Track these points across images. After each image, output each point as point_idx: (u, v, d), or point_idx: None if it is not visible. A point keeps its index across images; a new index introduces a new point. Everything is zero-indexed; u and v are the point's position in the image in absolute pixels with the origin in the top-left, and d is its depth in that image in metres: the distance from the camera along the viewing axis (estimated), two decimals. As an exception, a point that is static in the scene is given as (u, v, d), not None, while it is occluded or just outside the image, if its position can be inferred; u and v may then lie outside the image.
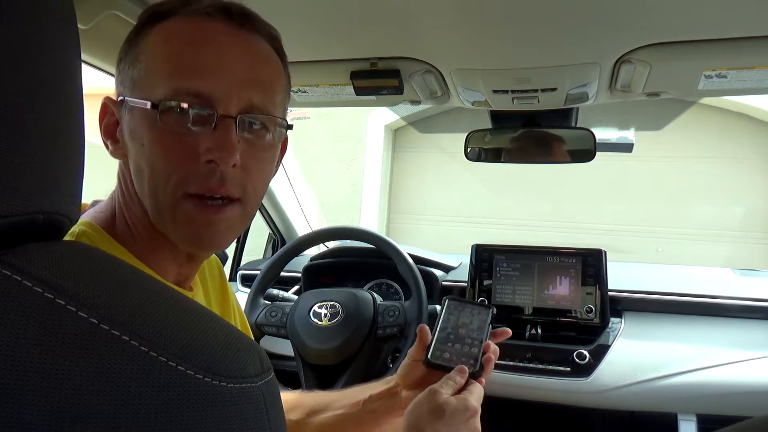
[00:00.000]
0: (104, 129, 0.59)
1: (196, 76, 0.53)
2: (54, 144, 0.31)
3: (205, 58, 0.54)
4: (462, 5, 0.79)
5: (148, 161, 0.54)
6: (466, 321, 0.84)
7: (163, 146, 0.54)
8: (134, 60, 0.56)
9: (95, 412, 0.26)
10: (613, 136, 4.36)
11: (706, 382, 1.24)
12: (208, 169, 0.54)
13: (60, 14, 0.32)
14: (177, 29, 0.55)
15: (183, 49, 0.54)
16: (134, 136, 0.56)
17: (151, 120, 0.53)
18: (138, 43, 0.57)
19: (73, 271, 0.30)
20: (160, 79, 0.54)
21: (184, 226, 0.56)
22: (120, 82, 0.59)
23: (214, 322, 0.34)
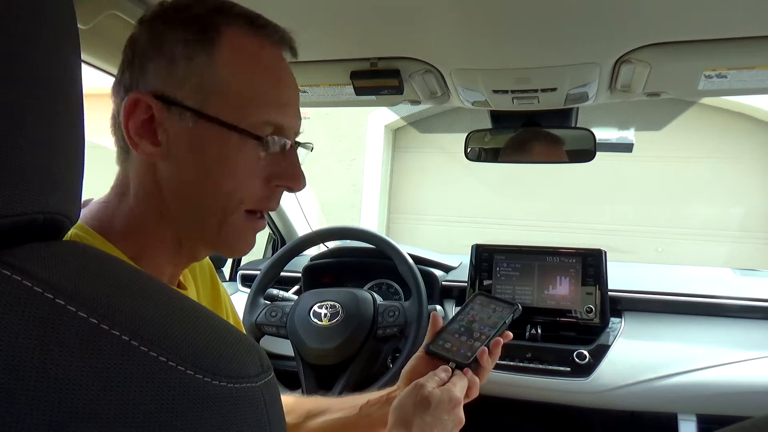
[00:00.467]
0: (135, 127, 0.55)
1: (280, 111, 0.59)
2: (54, 144, 0.31)
3: (284, 92, 0.60)
4: (462, 5, 0.79)
5: (220, 178, 0.56)
6: (484, 316, 0.84)
7: (243, 169, 0.57)
8: (207, 69, 0.55)
9: (95, 412, 0.26)
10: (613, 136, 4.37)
11: (706, 382, 1.24)
12: (275, 192, 0.60)
13: (60, 14, 0.32)
14: (257, 56, 0.58)
15: (271, 84, 0.58)
16: (203, 150, 0.56)
17: (235, 143, 0.56)
18: (209, 50, 0.55)
19: (73, 271, 0.30)
20: (249, 107, 0.56)
21: (234, 236, 0.60)
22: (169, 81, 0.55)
23: (214, 322, 0.34)
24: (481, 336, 0.81)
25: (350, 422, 0.83)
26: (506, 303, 0.86)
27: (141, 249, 0.58)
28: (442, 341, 0.81)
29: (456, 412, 0.71)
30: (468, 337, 0.81)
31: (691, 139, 4.81)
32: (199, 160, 0.56)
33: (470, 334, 0.81)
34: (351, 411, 0.83)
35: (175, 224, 0.59)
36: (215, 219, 0.58)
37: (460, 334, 0.82)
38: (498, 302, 0.87)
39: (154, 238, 0.59)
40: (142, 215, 0.58)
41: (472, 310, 0.86)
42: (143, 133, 0.55)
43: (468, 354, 0.78)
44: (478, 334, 0.81)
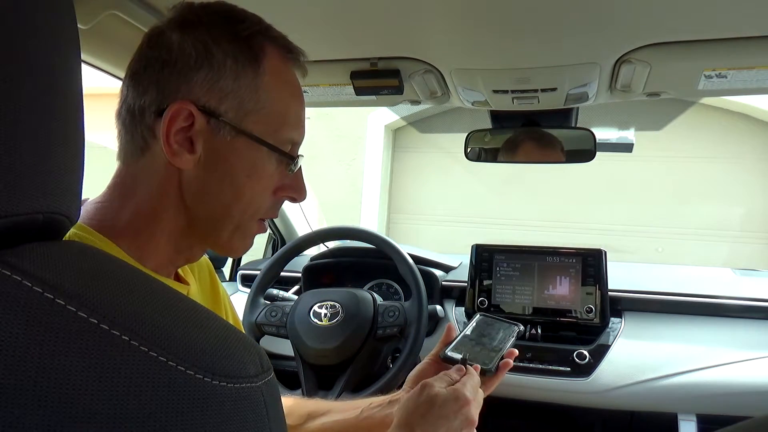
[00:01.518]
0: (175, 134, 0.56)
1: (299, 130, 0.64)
2: (54, 144, 0.31)
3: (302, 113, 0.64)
4: (462, 5, 0.79)
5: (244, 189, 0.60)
6: (492, 332, 0.88)
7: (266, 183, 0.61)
8: (251, 88, 0.58)
9: (95, 412, 0.26)
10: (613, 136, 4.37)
11: (706, 382, 1.24)
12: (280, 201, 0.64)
13: (60, 14, 0.32)
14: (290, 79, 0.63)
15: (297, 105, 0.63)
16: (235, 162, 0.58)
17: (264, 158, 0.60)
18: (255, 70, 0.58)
19: (72, 271, 0.30)
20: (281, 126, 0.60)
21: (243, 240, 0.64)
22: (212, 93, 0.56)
23: (214, 322, 0.34)
24: (495, 347, 0.83)
25: (351, 424, 0.82)
26: (508, 322, 0.90)
27: (143, 249, 0.58)
28: (458, 349, 0.81)
29: (464, 411, 0.70)
30: (482, 347, 0.83)
31: (691, 139, 4.81)
32: (229, 171, 0.59)
33: (483, 344, 0.84)
34: (352, 413, 0.83)
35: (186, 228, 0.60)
36: (231, 225, 0.61)
37: (474, 345, 0.83)
38: (500, 322, 0.91)
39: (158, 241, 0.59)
40: (151, 216, 0.58)
41: (479, 327, 0.89)
42: (182, 141, 0.56)
43: (486, 361, 0.79)
44: (491, 346, 0.84)
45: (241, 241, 0.63)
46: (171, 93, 0.56)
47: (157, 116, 0.56)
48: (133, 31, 0.86)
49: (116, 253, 0.56)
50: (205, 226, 0.61)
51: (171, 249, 0.61)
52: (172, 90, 0.56)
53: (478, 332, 0.87)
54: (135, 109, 0.57)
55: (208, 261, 0.80)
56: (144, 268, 0.57)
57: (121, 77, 0.99)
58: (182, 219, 0.60)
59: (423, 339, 1.30)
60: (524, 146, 1.33)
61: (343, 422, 0.83)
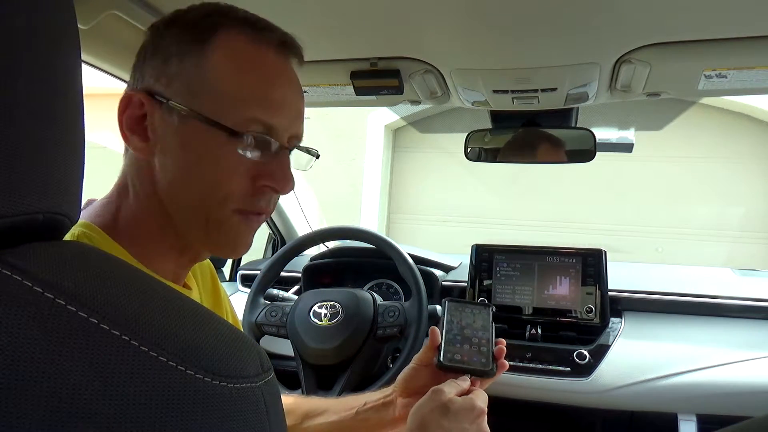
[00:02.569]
0: (127, 123, 0.57)
1: (268, 110, 0.58)
2: (54, 144, 0.31)
3: (276, 92, 0.59)
4: (462, 5, 0.79)
5: (204, 175, 0.57)
6: (469, 321, 0.85)
7: (226, 166, 0.57)
8: (197, 67, 0.56)
9: (95, 412, 0.26)
10: (613, 136, 4.37)
11: (706, 382, 1.24)
12: (262, 192, 0.59)
13: (60, 14, 0.32)
14: (250, 56, 0.58)
15: (260, 82, 0.58)
16: (189, 147, 0.56)
17: (219, 140, 0.56)
18: (201, 49, 0.56)
19: (73, 271, 0.30)
20: (232, 104, 0.56)
21: (229, 237, 0.60)
22: (161, 79, 0.57)
23: (214, 322, 0.34)
24: (482, 341, 0.81)
25: (346, 426, 0.82)
26: (477, 304, 0.88)
27: (145, 248, 0.59)
28: (450, 354, 0.79)
29: (479, 422, 0.69)
30: (470, 344, 0.81)
31: (691, 139, 4.81)
32: (185, 156, 0.57)
33: (469, 341, 0.81)
34: (347, 414, 0.83)
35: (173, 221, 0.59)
36: (202, 216, 0.58)
37: (461, 343, 0.81)
38: (470, 305, 0.88)
39: (157, 237, 0.59)
40: (143, 213, 0.59)
41: (454, 317, 0.85)
42: (134, 128, 0.57)
43: (483, 360, 0.78)
44: (477, 340, 0.81)
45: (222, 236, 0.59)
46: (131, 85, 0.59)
47: None
48: (133, 31, 0.86)
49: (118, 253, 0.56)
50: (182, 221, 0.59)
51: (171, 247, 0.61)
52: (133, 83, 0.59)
53: (457, 324, 0.84)
54: None
55: (209, 261, 0.80)
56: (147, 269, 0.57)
57: (121, 77, 0.99)
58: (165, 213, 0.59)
59: (423, 339, 1.30)
60: (524, 146, 1.33)
61: (339, 423, 0.83)
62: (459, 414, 0.69)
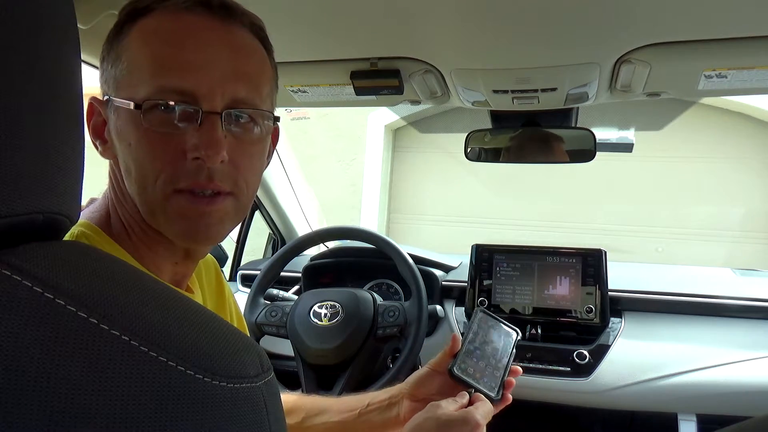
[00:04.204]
0: (92, 129, 0.59)
1: (179, 74, 0.53)
2: (54, 144, 0.31)
3: (187, 54, 0.53)
4: (462, 5, 0.79)
5: (136, 160, 0.54)
6: (493, 339, 0.86)
7: (149, 145, 0.53)
8: (116, 59, 0.56)
9: (95, 412, 0.26)
10: (613, 136, 4.37)
11: (706, 382, 1.24)
12: (196, 165, 0.54)
13: (60, 14, 0.32)
14: (157, 26, 0.54)
15: (164, 47, 0.53)
16: (121, 136, 0.55)
17: (136, 120, 0.53)
18: (119, 41, 0.56)
19: (72, 271, 0.30)
20: (142, 78, 0.53)
21: (178, 221, 0.55)
22: (104, 81, 0.58)
23: (214, 322, 0.34)
24: (498, 364, 0.82)
25: (349, 426, 0.82)
26: (508, 326, 0.89)
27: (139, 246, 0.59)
28: (465, 365, 0.79)
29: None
30: (486, 362, 0.81)
31: (691, 139, 4.81)
32: (120, 147, 0.56)
33: (487, 359, 0.82)
34: (350, 415, 0.82)
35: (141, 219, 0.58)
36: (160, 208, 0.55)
37: (478, 359, 0.81)
38: (499, 323, 0.89)
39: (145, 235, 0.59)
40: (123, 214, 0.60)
41: (481, 330, 0.86)
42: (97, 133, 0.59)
43: (492, 385, 0.79)
44: (494, 361, 0.82)
45: (175, 223, 0.55)
46: None
47: None
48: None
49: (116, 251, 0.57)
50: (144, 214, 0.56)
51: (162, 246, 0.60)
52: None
53: (482, 339, 0.84)
54: None
55: (215, 262, 0.80)
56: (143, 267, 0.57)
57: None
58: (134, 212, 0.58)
59: (423, 339, 1.30)
60: (524, 146, 1.33)
61: (341, 423, 0.82)
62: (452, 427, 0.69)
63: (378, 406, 0.82)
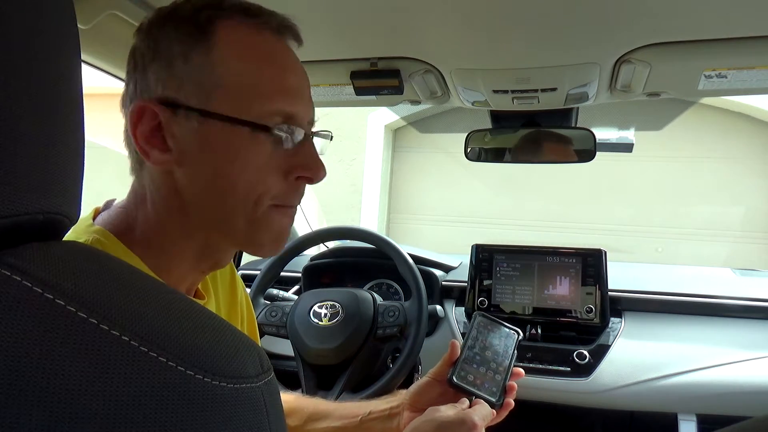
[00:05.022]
0: (143, 135, 0.54)
1: (286, 98, 0.56)
2: (54, 144, 0.31)
3: (292, 80, 0.57)
4: (462, 5, 0.79)
5: (235, 177, 0.55)
6: (493, 343, 0.84)
7: (256, 164, 0.55)
8: (205, 65, 0.53)
9: (95, 413, 0.26)
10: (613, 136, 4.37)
11: (706, 382, 1.24)
12: (299, 184, 0.59)
13: (60, 14, 0.32)
14: (255, 46, 0.56)
15: (270, 69, 0.56)
16: (213, 149, 0.54)
17: (243, 138, 0.54)
18: (204, 45, 0.54)
19: (72, 271, 0.30)
20: (253, 98, 0.54)
21: (271, 233, 0.59)
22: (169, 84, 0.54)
23: (215, 322, 0.34)
24: (499, 368, 0.81)
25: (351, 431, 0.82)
26: (507, 327, 0.87)
27: (162, 258, 0.57)
28: (464, 372, 0.79)
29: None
30: (486, 368, 0.81)
31: (691, 139, 4.81)
32: (212, 160, 0.54)
33: (487, 364, 0.81)
34: (351, 421, 0.82)
35: (200, 230, 0.58)
36: (242, 219, 0.56)
37: (478, 365, 0.81)
38: (499, 326, 0.87)
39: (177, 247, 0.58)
40: (162, 224, 0.57)
41: (480, 335, 0.85)
42: (153, 141, 0.54)
43: (494, 389, 0.78)
44: (495, 365, 0.81)
45: (266, 235, 0.58)
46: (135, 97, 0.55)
47: None
48: (133, 31, 0.86)
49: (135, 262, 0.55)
50: (216, 226, 0.57)
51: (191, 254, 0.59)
52: (136, 94, 0.55)
53: (481, 344, 0.83)
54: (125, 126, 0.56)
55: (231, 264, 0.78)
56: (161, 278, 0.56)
57: (120, 77, 0.99)
58: (190, 222, 0.57)
59: (423, 339, 1.30)
60: (524, 146, 1.33)
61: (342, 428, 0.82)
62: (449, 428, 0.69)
63: (379, 415, 0.82)
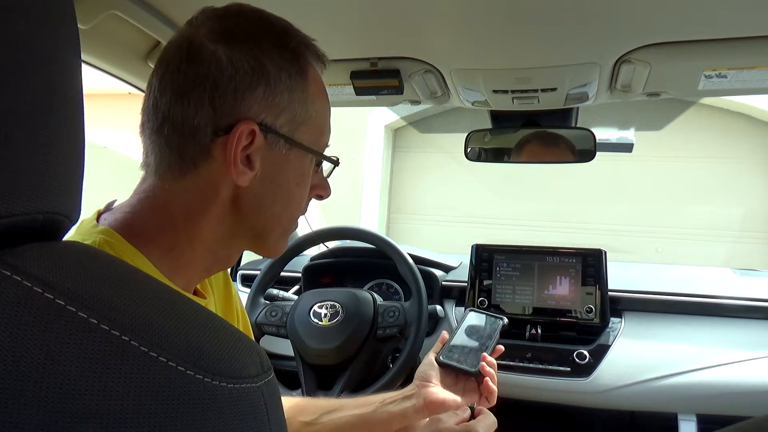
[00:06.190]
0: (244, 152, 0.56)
1: (329, 134, 0.66)
2: (54, 144, 0.31)
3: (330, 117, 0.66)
4: (462, 5, 0.79)
5: (296, 196, 0.63)
6: (479, 328, 0.98)
7: (306, 187, 0.64)
8: (303, 102, 0.59)
9: (95, 413, 0.26)
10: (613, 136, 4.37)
11: (706, 382, 1.24)
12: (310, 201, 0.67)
13: (60, 14, 0.32)
14: (323, 85, 0.64)
15: (328, 111, 0.65)
16: (289, 173, 0.60)
17: (308, 165, 0.62)
18: (304, 84, 0.59)
19: (72, 271, 0.30)
20: (320, 132, 0.63)
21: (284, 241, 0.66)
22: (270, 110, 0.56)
23: (215, 322, 0.34)
24: (481, 347, 0.92)
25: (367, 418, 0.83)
26: (494, 316, 1.00)
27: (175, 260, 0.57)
28: (450, 352, 0.91)
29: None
30: (470, 349, 0.92)
31: (691, 139, 4.81)
32: (284, 182, 0.61)
33: (472, 345, 0.93)
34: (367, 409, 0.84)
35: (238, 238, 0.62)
36: (280, 230, 0.64)
37: (464, 346, 0.93)
38: (488, 316, 1.01)
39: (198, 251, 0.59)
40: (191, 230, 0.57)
41: (469, 323, 0.99)
42: (245, 158, 0.56)
43: (473, 362, 0.88)
44: (478, 345, 0.93)
45: (284, 242, 0.66)
46: (229, 112, 0.55)
47: (215, 136, 0.55)
48: (133, 31, 0.86)
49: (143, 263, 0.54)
50: (253, 235, 0.62)
51: (210, 258, 0.61)
52: (230, 109, 0.55)
53: (469, 330, 0.97)
54: (184, 127, 0.55)
55: None
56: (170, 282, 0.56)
57: (120, 77, 0.99)
58: (226, 230, 0.60)
59: (423, 339, 1.30)
60: (524, 146, 1.33)
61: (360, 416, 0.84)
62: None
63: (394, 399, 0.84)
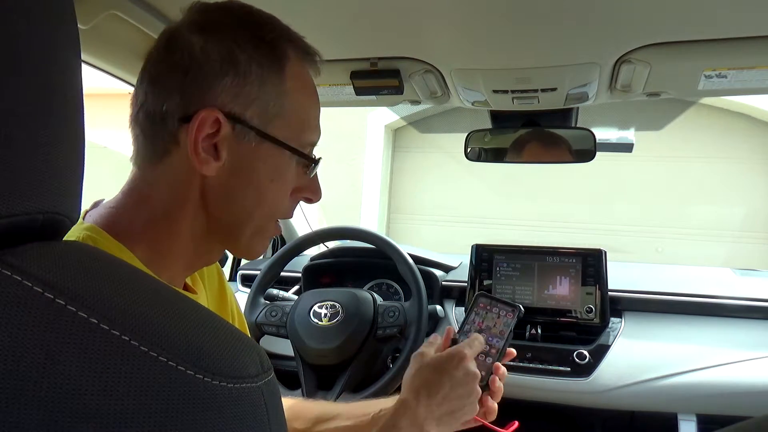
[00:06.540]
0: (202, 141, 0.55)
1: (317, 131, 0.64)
2: (54, 144, 0.31)
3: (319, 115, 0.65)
4: (462, 5, 0.79)
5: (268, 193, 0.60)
6: (490, 324, 0.84)
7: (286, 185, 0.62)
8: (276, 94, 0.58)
9: (95, 412, 0.26)
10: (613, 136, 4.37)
11: (706, 382, 1.24)
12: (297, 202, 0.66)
13: (60, 14, 0.32)
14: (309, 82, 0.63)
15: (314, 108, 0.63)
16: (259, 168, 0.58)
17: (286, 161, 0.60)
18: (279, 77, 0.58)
19: (73, 271, 0.30)
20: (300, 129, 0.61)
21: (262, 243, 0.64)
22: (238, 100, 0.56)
23: (215, 322, 0.34)
24: (491, 350, 0.80)
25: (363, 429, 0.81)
26: (508, 305, 0.85)
27: (158, 256, 0.58)
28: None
29: (464, 366, 0.72)
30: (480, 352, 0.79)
31: (691, 139, 4.82)
32: (254, 176, 0.59)
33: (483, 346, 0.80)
34: (363, 419, 0.81)
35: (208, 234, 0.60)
36: (252, 228, 0.61)
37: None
38: (500, 304, 0.85)
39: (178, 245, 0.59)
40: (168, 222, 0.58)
41: (478, 316, 0.84)
42: (207, 148, 0.56)
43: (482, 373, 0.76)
44: (488, 348, 0.80)
45: (260, 243, 0.64)
46: (196, 99, 0.55)
47: (181, 123, 0.55)
48: (133, 31, 0.86)
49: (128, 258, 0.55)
50: (226, 230, 0.61)
51: (191, 253, 0.61)
52: (197, 96, 0.55)
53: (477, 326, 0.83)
54: (155, 114, 0.56)
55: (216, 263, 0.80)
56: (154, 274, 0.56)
57: (120, 77, 0.99)
58: (202, 224, 0.59)
59: (423, 339, 1.30)
60: (524, 146, 1.33)
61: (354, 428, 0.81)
62: (439, 365, 0.72)
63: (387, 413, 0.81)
